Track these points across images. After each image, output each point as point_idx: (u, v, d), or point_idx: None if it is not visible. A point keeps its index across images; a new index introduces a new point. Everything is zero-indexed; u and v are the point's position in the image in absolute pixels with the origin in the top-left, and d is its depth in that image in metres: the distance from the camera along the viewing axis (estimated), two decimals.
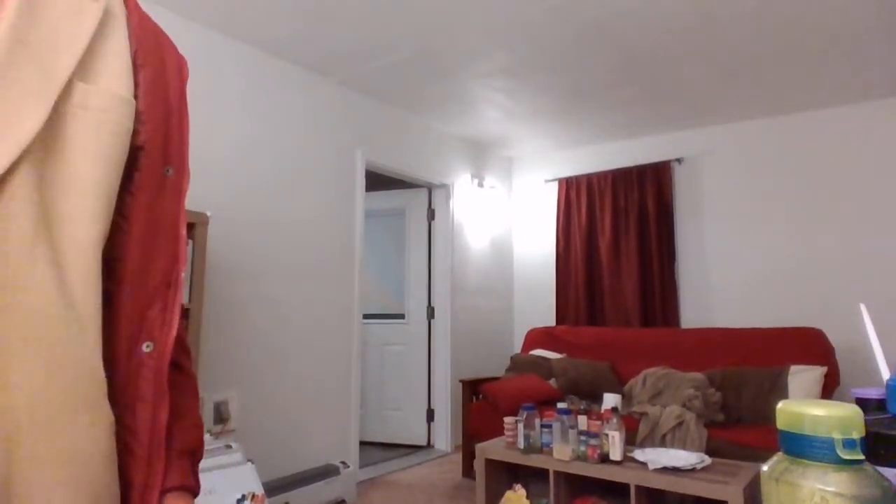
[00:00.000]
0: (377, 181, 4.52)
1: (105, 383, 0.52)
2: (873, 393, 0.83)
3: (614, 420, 2.47)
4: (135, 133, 0.56)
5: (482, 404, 3.79)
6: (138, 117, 0.57)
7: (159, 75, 0.61)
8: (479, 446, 2.82)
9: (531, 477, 2.73)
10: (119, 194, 0.55)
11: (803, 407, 0.46)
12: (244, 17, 2.98)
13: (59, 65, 0.51)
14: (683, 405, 3.18)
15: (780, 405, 0.48)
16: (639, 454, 2.49)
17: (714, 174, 4.50)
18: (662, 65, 3.49)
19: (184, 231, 0.61)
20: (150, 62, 0.60)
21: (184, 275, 0.61)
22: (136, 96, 0.58)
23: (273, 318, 3.29)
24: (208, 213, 2.68)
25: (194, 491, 0.63)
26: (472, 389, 3.94)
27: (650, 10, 2.87)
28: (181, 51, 2.94)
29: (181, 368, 0.65)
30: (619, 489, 2.40)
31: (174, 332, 0.58)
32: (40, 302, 0.48)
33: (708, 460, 2.38)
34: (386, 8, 2.87)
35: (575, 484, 2.60)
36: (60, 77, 0.51)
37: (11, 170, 0.47)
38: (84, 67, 0.53)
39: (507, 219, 5.43)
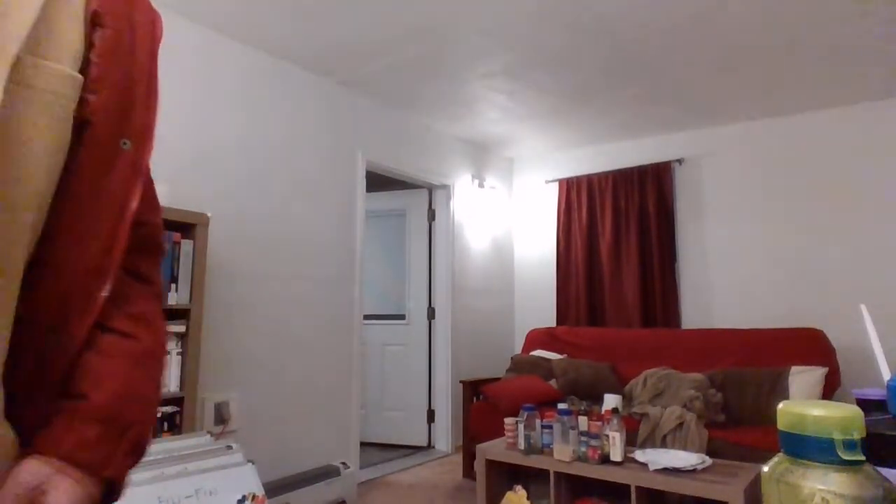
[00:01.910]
0: (378, 182, 4.52)
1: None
2: (874, 394, 0.83)
3: (615, 421, 2.47)
4: (82, 103, 0.49)
5: (483, 405, 3.78)
6: (89, 86, 0.49)
7: (124, 37, 0.53)
8: (479, 447, 2.82)
9: (532, 478, 2.72)
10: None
11: (804, 408, 0.46)
12: (244, 17, 2.98)
13: (6, 35, 0.42)
14: (684, 406, 3.18)
15: (780, 406, 0.48)
16: (639, 455, 2.48)
17: (715, 175, 4.50)
18: (663, 65, 3.49)
19: (130, 213, 0.53)
20: (112, 23, 0.51)
21: (118, 259, 0.53)
22: (88, 60, 0.49)
23: (273, 319, 3.29)
24: (208, 214, 2.68)
25: (100, 471, 0.50)
26: (473, 390, 3.94)
27: (651, 10, 2.87)
28: (181, 51, 2.94)
29: (112, 331, 0.55)
30: (620, 490, 2.40)
31: (90, 320, 0.52)
32: None
33: (708, 461, 2.38)
34: (386, 8, 2.87)
35: (575, 485, 2.60)
36: (9, 52, 0.42)
37: None
38: (33, 37, 0.44)
39: (507, 219, 5.42)
